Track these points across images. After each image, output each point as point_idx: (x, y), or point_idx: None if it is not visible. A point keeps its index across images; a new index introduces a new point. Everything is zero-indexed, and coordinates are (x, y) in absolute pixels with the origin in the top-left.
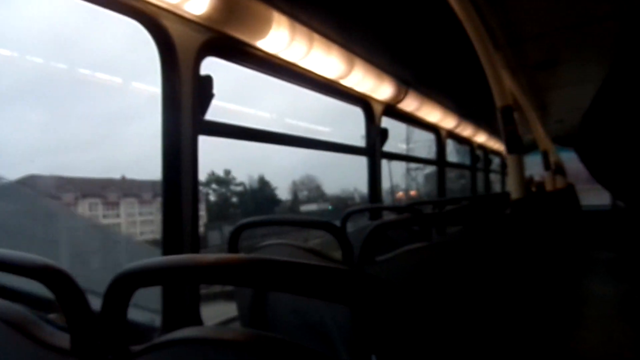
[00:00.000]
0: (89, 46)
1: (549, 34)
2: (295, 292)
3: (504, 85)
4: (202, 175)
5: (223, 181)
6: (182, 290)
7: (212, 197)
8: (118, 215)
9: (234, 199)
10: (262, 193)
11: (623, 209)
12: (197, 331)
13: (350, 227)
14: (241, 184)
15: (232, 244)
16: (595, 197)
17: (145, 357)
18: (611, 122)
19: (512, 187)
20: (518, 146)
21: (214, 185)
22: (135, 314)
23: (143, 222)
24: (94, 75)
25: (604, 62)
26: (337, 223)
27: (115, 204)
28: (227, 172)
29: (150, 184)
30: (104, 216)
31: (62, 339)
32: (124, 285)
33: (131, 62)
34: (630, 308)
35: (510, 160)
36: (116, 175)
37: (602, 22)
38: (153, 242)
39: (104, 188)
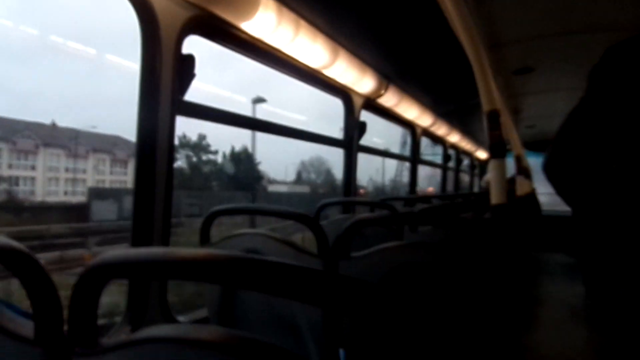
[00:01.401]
0: None
1: (527, 42)
2: (270, 292)
3: (491, 88)
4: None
5: (195, 146)
6: (149, 284)
7: (180, 164)
8: (33, 168)
9: (206, 169)
10: (242, 166)
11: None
12: (171, 329)
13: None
14: (217, 152)
15: (204, 232)
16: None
17: (115, 353)
18: (580, 147)
19: (494, 192)
20: (502, 150)
21: (183, 151)
22: None
23: (69, 180)
24: None
25: (575, 72)
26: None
27: (30, 153)
28: (202, 137)
29: (91, 136)
30: (10, 166)
31: (25, 327)
32: (98, 275)
33: None
34: (585, 311)
35: (493, 165)
36: None
37: (573, 34)
38: (74, 208)
39: (15, 133)
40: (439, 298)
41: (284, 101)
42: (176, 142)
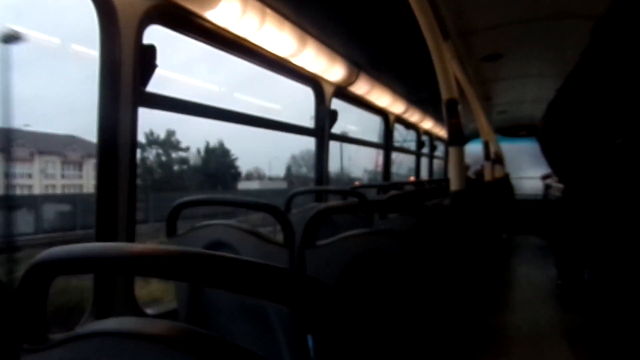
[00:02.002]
0: None
1: (497, 28)
2: (228, 288)
3: (450, 77)
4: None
5: (164, 143)
6: (114, 277)
7: (147, 164)
8: None
9: (176, 168)
10: (216, 164)
11: (554, 200)
12: (120, 323)
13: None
14: (188, 149)
15: (171, 223)
16: None
17: (64, 347)
18: (576, 114)
19: (452, 179)
20: (460, 138)
21: (150, 149)
22: None
23: (9, 187)
24: None
25: (543, 58)
26: None
27: None
28: (171, 133)
29: (38, 136)
30: None
31: None
32: (44, 271)
33: None
34: (555, 292)
35: (452, 152)
36: None
37: (541, 21)
38: None
39: None
40: (405, 284)
41: (280, 97)
42: (142, 139)
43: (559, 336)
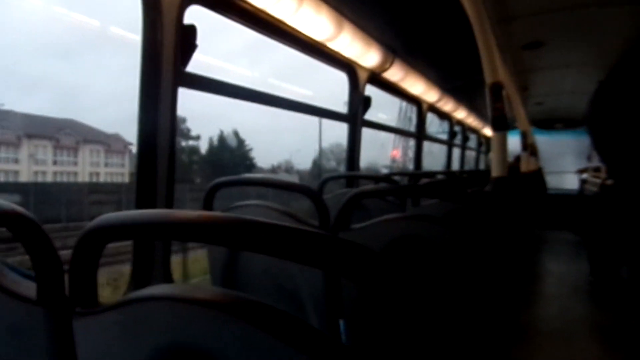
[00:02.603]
0: None
1: (538, 15)
2: (273, 254)
3: (495, 61)
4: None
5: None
6: (153, 246)
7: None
8: None
9: (185, 158)
10: (231, 154)
11: (590, 195)
12: (169, 289)
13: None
14: (198, 137)
15: (207, 202)
16: None
17: (114, 311)
18: (625, 101)
19: (494, 165)
20: (504, 124)
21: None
22: None
23: None
24: None
25: (585, 48)
26: None
27: None
28: (181, 120)
29: (30, 119)
30: None
31: (28, 288)
32: (97, 237)
33: None
34: (586, 287)
35: (495, 138)
36: None
37: (586, 7)
38: None
39: None
40: (439, 270)
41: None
42: None
43: (591, 333)
